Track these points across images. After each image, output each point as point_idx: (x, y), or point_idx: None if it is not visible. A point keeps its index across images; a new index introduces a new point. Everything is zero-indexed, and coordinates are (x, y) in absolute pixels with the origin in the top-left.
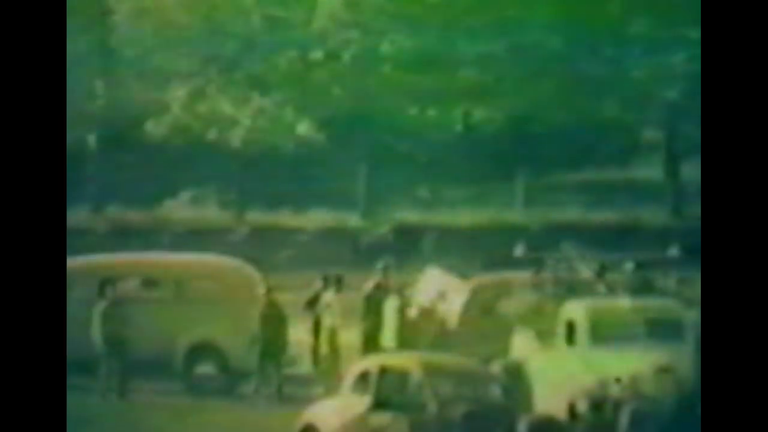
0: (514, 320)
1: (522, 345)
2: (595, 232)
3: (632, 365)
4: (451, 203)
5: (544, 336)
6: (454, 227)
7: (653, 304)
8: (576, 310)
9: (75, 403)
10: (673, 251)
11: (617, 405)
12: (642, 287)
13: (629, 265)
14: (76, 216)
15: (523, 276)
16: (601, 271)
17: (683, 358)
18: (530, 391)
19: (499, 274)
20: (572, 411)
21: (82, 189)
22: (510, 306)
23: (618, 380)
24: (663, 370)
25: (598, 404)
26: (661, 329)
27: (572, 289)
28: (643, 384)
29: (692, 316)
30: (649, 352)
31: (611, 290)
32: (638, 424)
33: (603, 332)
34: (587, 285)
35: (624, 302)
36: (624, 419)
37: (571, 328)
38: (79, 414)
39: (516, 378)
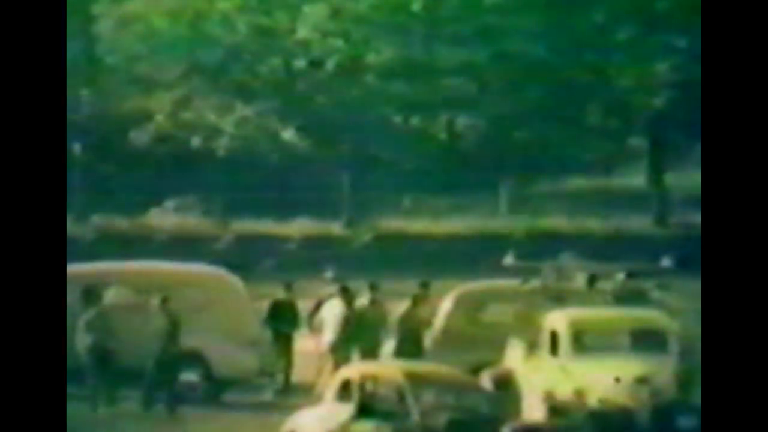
0: (499, 328)
1: (513, 354)
2: (580, 240)
3: (611, 375)
4: (435, 211)
5: (532, 345)
6: (437, 235)
7: (637, 314)
8: (558, 319)
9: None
10: (666, 261)
11: (594, 416)
12: (633, 297)
13: (620, 275)
14: None
15: (509, 284)
16: (592, 281)
17: (664, 368)
18: (519, 401)
19: (484, 281)
20: (551, 420)
21: (67, 197)
22: (495, 314)
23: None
24: (639, 381)
25: (570, 415)
26: (644, 339)
27: (560, 298)
28: (619, 394)
29: (676, 327)
30: (629, 362)
31: (600, 300)
32: None
33: (585, 342)
34: (577, 294)
35: (608, 312)
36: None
37: (554, 337)
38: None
39: (504, 387)
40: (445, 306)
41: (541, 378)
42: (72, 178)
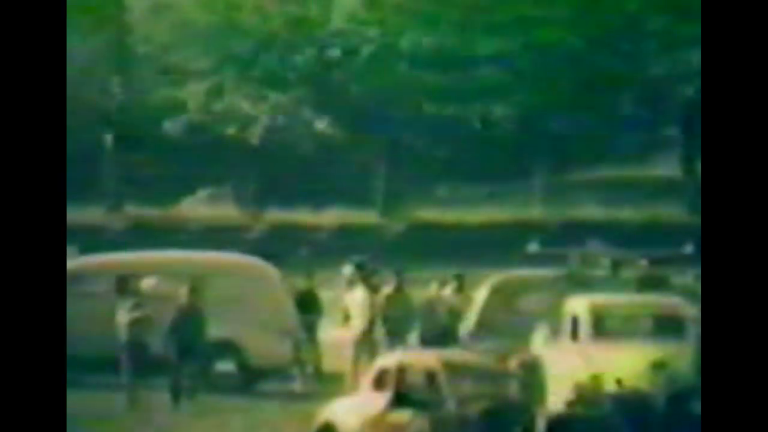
0: (534, 317)
1: (539, 341)
2: (614, 230)
3: (628, 360)
4: (470, 200)
5: (555, 331)
6: (472, 224)
7: (657, 300)
8: (579, 305)
9: (99, 400)
10: (688, 248)
11: (610, 400)
12: (656, 284)
13: (643, 262)
14: (94, 214)
15: (544, 273)
16: (615, 267)
17: (682, 354)
18: (544, 387)
19: (519, 270)
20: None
21: (100, 187)
22: (530, 303)
23: (618, 381)
24: (657, 366)
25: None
26: (665, 325)
27: (588, 285)
28: (636, 379)
29: (695, 313)
30: (646, 347)
31: (624, 286)
32: (630, 421)
33: (605, 327)
34: (601, 281)
35: (628, 298)
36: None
37: (575, 323)
38: (102, 412)
39: (532, 373)
40: (481, 295)
41: (562, 363)
42: (104, 169)
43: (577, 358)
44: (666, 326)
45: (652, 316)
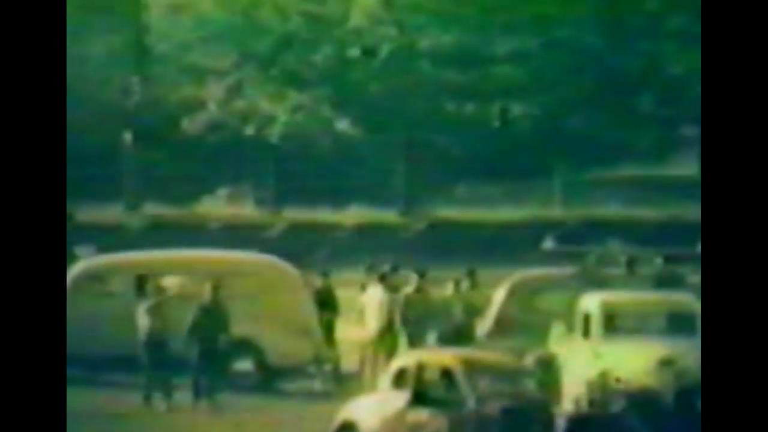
0: (553, 316)
1: (556, 338)
2: (633, 228)
3: (637, 357)
4: (489, 199)
5: (570, 328)
6: (491, 223)
7: (668, 297)
8: (591, 302)
9: (117, 399)
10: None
11: (618, 397)
12: (671, 281)
13: (658, 260)
14: (113, 213)
15: (563, 271)
16: (630, 265)
17: (693, 351)
18: (560, 384)
19: (538, 269)
20: (577, 404)
21: (118, 186)
22: (549, 302)
23: (618, 380)
24: (664, 363)
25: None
26: (677, 322)
27: (604, 283)
28: (643, 376)
29: None
30: (654, 344)
31: (640, 284)
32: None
33: (616, 325)
34: (617, 279)
35: (639, 295)
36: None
37: (587, 320)
38: (121, 410)
39: (548, 370)
40: (499, 294)
41: (574, 360)
42: (123, 168)
43: (587, 356)
44: (678, 323)
45: (664, 313)
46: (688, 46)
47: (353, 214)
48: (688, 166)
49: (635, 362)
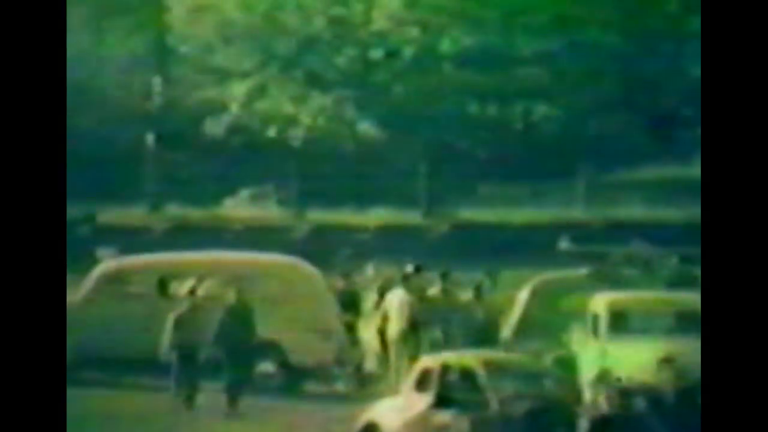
0: (575, 316)
1: (575, 339)
2: (656, 229)
3: (639, 356)
4: (512, 200)
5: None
6: (514, 224)
7: (676, 297)
8: (599, 302)
9: (141, 402)
10: None
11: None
12: (687, 281)
13: (674, 260)
14: (135, 214)
15: (582, 273)
16: (648, 266)
17: (695, 350)
18: (579, 384)
19: (562, 271)
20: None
21: (141, 187)
22: (573, 303)
23: (618, 380)
24: (665, 361)
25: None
26: (684, 322)
27: (622, 283)
28: (645, 374)
29: None
30: (660, 343)
31: (658, 284)
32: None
33: (626, 324)
34: (638, 279)
35: (648, 295)
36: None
37: (595, 321)
38: (144, 413)
39: (567, 371)
40: (523, 296)
41: (586, 359)
42: (146, 169)
43: (595, 355)
44: (686, 322)
45: (673, 312)
46: None
47: (376, 216)
48: None
49: (636, 360)
